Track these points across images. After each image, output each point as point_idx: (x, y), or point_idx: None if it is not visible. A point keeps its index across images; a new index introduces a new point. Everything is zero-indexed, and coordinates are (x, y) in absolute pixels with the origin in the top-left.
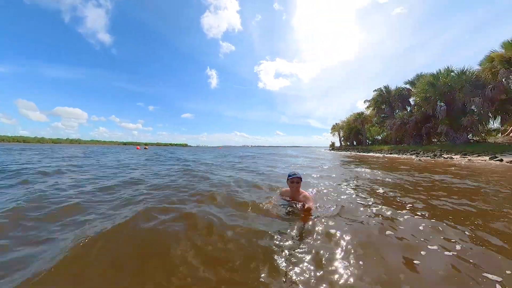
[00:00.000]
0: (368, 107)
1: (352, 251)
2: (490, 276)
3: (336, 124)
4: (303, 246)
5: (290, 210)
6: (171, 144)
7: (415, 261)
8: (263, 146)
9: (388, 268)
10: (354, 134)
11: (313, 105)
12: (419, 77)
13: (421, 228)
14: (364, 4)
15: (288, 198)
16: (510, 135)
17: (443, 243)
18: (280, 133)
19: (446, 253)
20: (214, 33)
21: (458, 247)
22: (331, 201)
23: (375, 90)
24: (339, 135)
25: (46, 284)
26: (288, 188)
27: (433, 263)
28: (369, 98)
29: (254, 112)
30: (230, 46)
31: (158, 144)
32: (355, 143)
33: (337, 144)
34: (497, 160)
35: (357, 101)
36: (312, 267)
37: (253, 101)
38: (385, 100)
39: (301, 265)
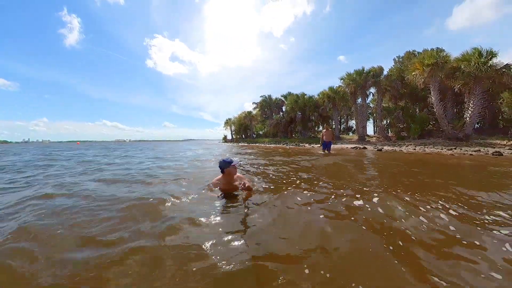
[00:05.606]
0: (255, 108)
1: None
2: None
3: (229, 119)
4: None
5: (225, 195)
6: None
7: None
8: (147, 141)
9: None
10: (243, 129)
11: (208, 99)
12: (289, 94)
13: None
14: (264, 31)
15: (223, 186)
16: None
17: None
18: (169, 124)
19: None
20: None
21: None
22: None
23: (261, 96)
24: (230, 129)
25: None
26: (220, 176)
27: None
28: (257, 101)
29: (136, 96)
30: None
31: None
32: (244, 136)
33: (229, 137)
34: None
35: (245, 103)
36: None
37: (137, 82)
38: (268, 105)
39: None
